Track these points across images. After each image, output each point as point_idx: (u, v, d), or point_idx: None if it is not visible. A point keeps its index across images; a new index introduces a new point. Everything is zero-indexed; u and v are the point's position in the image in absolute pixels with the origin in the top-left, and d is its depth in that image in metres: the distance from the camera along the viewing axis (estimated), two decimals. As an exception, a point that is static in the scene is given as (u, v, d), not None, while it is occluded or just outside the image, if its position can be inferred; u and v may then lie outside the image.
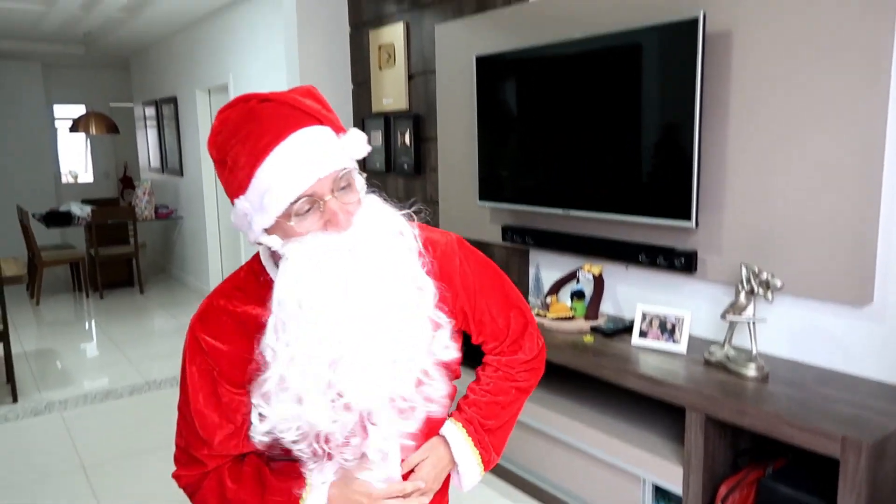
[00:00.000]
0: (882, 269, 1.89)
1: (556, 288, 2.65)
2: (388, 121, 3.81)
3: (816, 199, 1.95)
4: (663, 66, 2.23)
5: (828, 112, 1.90)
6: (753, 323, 2.01)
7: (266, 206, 0.96)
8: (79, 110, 9.23)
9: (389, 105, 3.79)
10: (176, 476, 1.14)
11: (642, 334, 2.29)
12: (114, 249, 6.83)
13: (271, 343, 0.98)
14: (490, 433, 1.21)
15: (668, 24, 2.15)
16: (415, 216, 1.09)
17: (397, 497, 1.09)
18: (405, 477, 1.11)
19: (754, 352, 2.00)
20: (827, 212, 1.93)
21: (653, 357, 2.18)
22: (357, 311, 0.97)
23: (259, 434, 1.02)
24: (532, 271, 2.94)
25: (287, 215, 0.96)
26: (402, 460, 1.10)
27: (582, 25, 2.50)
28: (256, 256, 1.12)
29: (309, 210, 0.97)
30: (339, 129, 1.02)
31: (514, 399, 1.23)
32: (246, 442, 1.07)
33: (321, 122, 1.00)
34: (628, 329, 2.40)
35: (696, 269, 2.27)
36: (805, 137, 1.96)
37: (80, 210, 6.85)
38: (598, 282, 2.52)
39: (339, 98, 4.16)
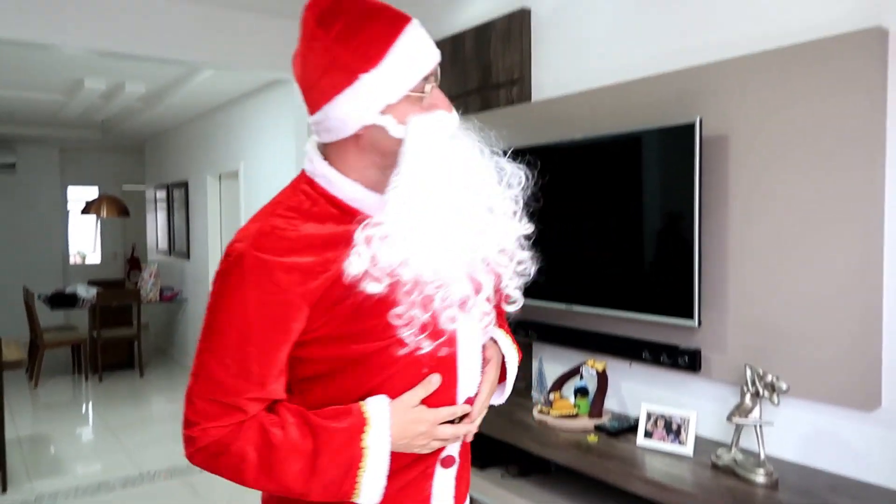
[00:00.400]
0: (889, 372, 1.87)
1: (559, 383, 2.62)
2: (394, 211, 3.88)
3: (818, 301, 1.95)
4: (663, 168, 2.28)
5: (825, 214, 1.93)
6: (760, 426, 1.97)
7: (402, 77, 0.99)
8: (92, 192, 9.44)
9: (395, 196, 3.86)
10: (198, 431, 0.99)
11: (647, 434, 2.24)
12: (116, 331, 6.82)
13: (396, 203, 0.99)
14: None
15: (667, 128, 2.22)
16: None
17: (458, 417, 1.12)
18: (469, 401, 1.14)
19: (762, 456, 1.95)
20: (830, 313, 1.93)
21: (659, 459, 2.13)
22: (466, 189, 1.03)
23: (354, 271, 0.97)
24: (535, 365, 2.91)
25: (419, 89, 1.02)
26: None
27: (583, 127, 2.58)
28: (304, 178, 1.10)
29: (431, 88, 1.04)
30: None
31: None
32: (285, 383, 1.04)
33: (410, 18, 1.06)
34: (633, 428, 2.36)
35: (700, 367, 2.24)
36: (804, 239, 1.98)
37: (86, 292, 6.88)
38: (602, 378, 2.49)
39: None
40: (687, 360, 2.25)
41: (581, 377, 2.59)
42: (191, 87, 5.36)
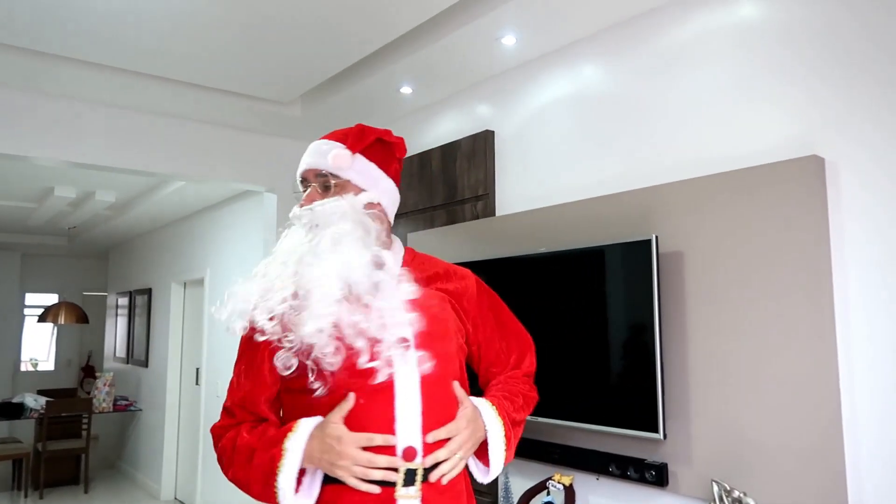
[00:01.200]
0: (854, 487, 1.87)
1: (525, 499, 2.55)
2: (360, 320, 3.88)
3: (780, 410, 1.98)
4: (623, 281, 2.36)
5: (780, 327, 2.00)
6: (730, 544, 1.93)
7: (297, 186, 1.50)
8: (51, 298, 9.23)
9: (362, 305, 3.87)
10: (213, 428, 1.40)
11: (617, 554, 2.17)
12: (64, 444, 6.48)
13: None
14: (511, 422, 1.41)
15: (626, 243, 2.31)
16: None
17: (370, 447, 1.23)
18: (432, 447, 1.27)
19: (734, 577, 1.90)
20: (791, 424, 1.95)
21: (629, 581, 2.06)
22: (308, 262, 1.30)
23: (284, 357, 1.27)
24: (501, 479, 2.84)
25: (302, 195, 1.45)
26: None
27: (545, 241, 2.67)
28: None
29: (305, 191, 1.45)
30: (372, 154, 1.46)
31: (522, 404, 1.48)
32: (270, 407, 1.36)
33: (344, 142, 1.44)
34: (602, 547, 2.29)
35: (667, 482, 2.22)
36: (761, 351, 2.03)
37: (35, 402, 6.58)
38: (569, 493, 2.44)
39: (313, 296, 4.25)
40: (654, 475, 2.22)
41: (548, 492, 2.53)
42: (161, 196, 5.42)
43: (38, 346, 9.51)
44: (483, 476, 1.40)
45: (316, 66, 3.20)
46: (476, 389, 1.51)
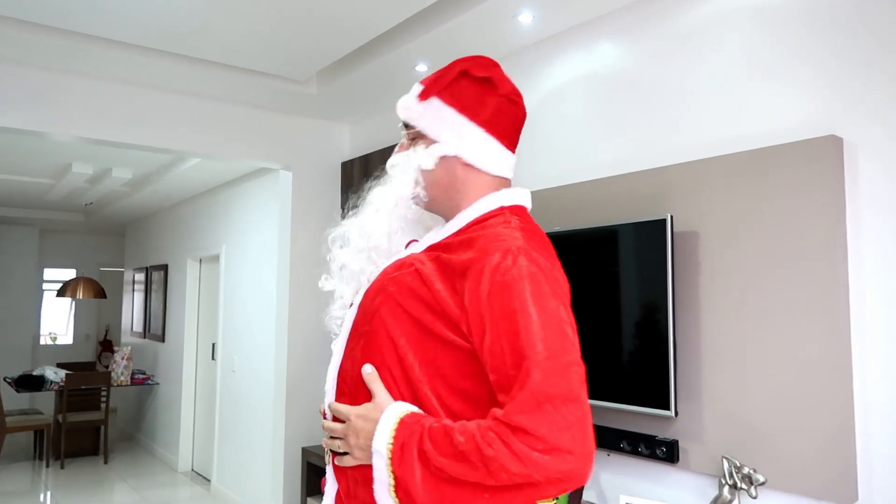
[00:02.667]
0: (863, 465, 1.89)
1: (538, 474, 2.59)
2: (375, 297, 3.91)
3: (791, 393, 2.00)
4: (638, 261, 2.37)
5: (794, 309, 2.00)
6: (739, 519, 1.97)
7: None
8: (69, 274, 9.36)
9: (376, 282, 3.91)
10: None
11: (627, 528, 2.21)
12: (83, 416, 6.62)
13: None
14: (424, 459, 0.98)
15: (642, 223, 2.32)
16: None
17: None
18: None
19: (743, 551, 1.94)
20: (803, 406, 1.97)
21: (639, 554, 2.10)
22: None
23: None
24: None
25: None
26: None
27: (562, 220, 2.68)
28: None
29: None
30: (450, 92, 1.23)
31: (462, 452, 0.95)
32: None
33: (423, 83, 1.27)
34: (613, 522, 2.33)
35: (678, 458, 2.25)
36: (774, 333, 2.04)
37: (55, 374, 6.71)
38: (581, 469, 2.48)
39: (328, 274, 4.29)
40: (665, 451, 2.25)
41: (560, 468, 2.57)
42: (177, 173, 5.47)
43: (57, 321, 9.67)
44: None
45: (331, 44, 3.20)
46: None
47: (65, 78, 3.43)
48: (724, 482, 1.99)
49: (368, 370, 1.11)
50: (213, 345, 5.91)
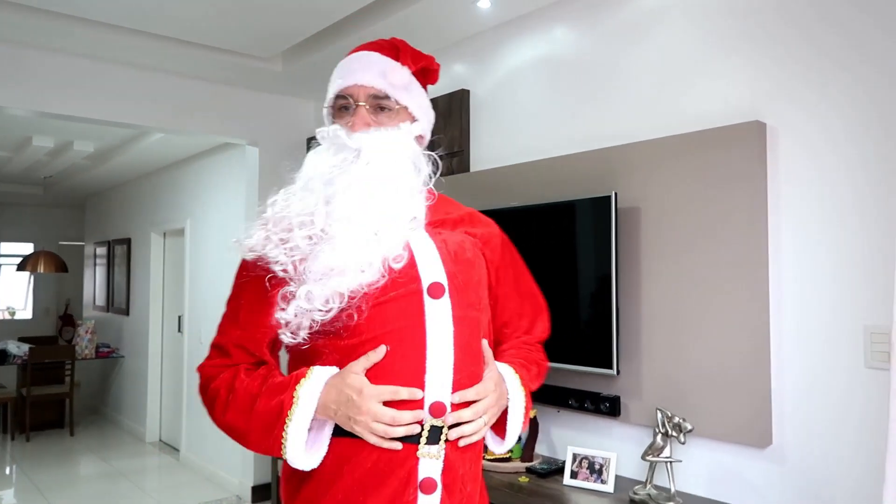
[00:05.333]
0: (777, 413, 2.15)
1: (494, 430, 2.81)
2: (340, 269, 4.07)
3: (717, 352, 2.24)
4: (586, 234, 2.58)
5: (721, 278, 2.24)
6: (670, 463, 2.21)
7: (326, 98, 1.28)
8: (26, 248, 9.25)
9: (342, 255, 4.06)
10: (200, 367, 1.25)
11: (573, 475, 2.45)
12: (47, 389, 6.65)
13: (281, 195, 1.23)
14: (527, 393, 1.28)
15: (588, 199, 2.53)
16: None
17: (394, 401, 1.09)
18: (457, 407, 1.13)
19: (673, 490, 2.19)
20: (727, 363, 2.22)
21: (583, 497, 2.34)
22: (347, 194, 1.16)
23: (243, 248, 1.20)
24: (473, 414, 3.11)
25: (331, 110, 1.26)
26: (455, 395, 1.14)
27: (515, 196, 2.87)
28: None
29: (344, 109, 1.24)
30: (417, 77, 1.28)
31: (536, 374, 1.34)
32: (271, 350, 1.21)
33: (397, 59, 1.25)
34: (560, 470, 2.57)
35: (619, 413, 2.49)
36: (704, 299, 2.28)
37: (17, 349, 6.71)
38: (533, 424, 2.71)
39: (294, 246, 4.42)
40: (608, 406, 2.49)
41: (515, 424, 2.80)
42: (141, 146, 5.49)
43: (15, 295, 9.56)
44: (497, 446, 1.27)
45: (297, 24, 3.30)
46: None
47: (27, 53, 3.47)
48: (657, 431, 2.23)
49: (486, 344, 1.23)
50: (180, 317, 5.99)
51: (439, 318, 1.15)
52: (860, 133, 2.01)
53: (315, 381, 1.11)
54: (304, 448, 1.10)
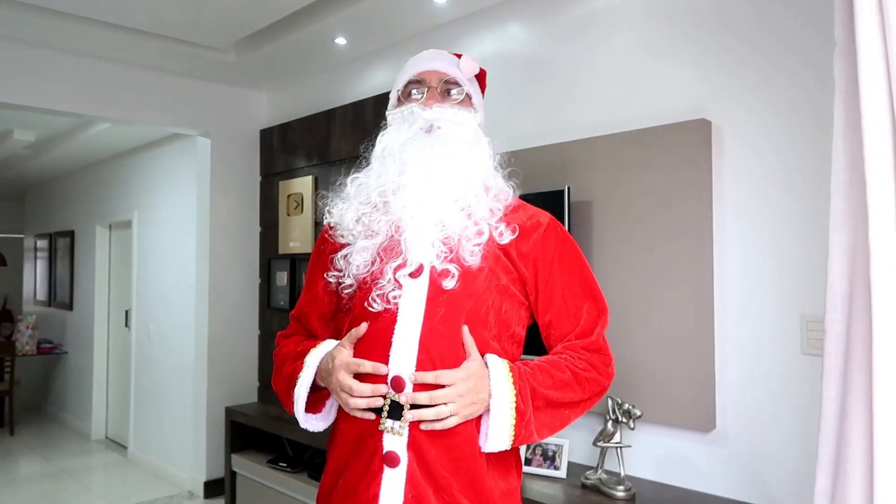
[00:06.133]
0: (720, 398, 2.26)
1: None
2: (294, 262, 4.06)
3: (665, 341, 2.33)
4: (539, 226, 2.64)
5: (668, 269, 2.33)
6: (621, 449, 2.30)
7: (395, 85, 1.39)
8: (-39, 240, 8.85)
9: (296, 248, 4.05)
10: (278, 335, 1.44)
11: (527, 462, 2.52)
12: (-15, 387, 6.41)
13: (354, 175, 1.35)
14: (535, 395, 1.18)
15: (545, 192, 2.59)
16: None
17: (361, 373, 1.17)
18: (423, 388, 1.14)
19: (622, 474, 2.27)
20: (674, 352, 2.31)
21: (537, 483, 2.41)
22: (420, 165, 1.24)
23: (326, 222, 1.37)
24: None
25: (404, 94, 1.36)
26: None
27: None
28: None
29: (415, 95, 1.34)
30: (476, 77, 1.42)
31: (568, 381, 1.22)
32: (325, 328, 1.38)
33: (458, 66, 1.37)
34: (515, 458, 2.63)
35: (572, 401, 2.56)
36: (652, 289, 2.37)
37: (-47, 345, 6.45)
38: (489, 414, 2.76)
39: (248, 239, 4.39)
40: (561, 395, 2.56)
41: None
42: (85, 136, 5.33)
43: (-52, 290, 9.16)
44: (484, 444, 1.18)
45: (251, 15, 3.27)
46: (540, 348, 1.38)
47: (-31, 38, 3.34)
48: (608, 418, 2.31)
49: (466, 331, 1.19)
50: (127, 312, 5.85)
51: (414, 297, 1.20)
52: (798, 131, 2.12)
53: (319, 351, 1.28)
54: (303, 409, 1.27)
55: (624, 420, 2.27)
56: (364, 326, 1.21)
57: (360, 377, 1.18)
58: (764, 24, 2.20)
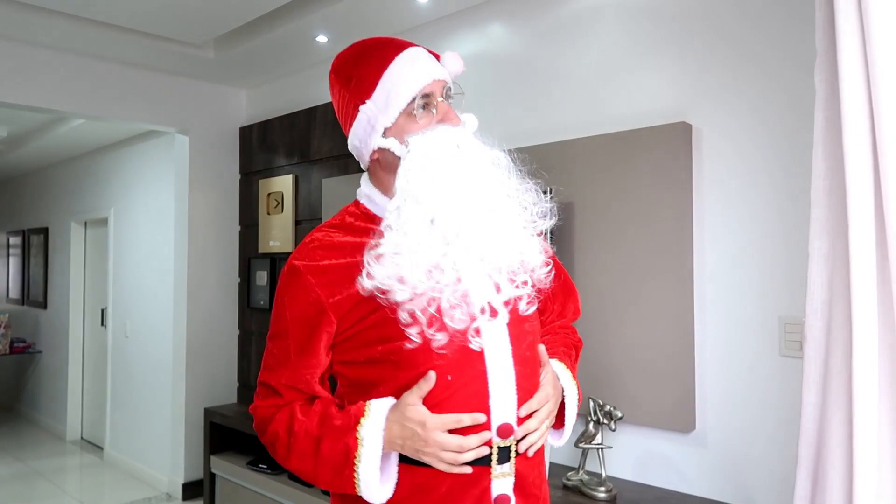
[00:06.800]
0: (700, 400, 2.28)
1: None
2: (274, 261, 4.02)
3: (645, 342, 2.35)
4: (521, 227, 2.64)
5: (649, 269, 2.35)
6: (602, 450, 2.31)
7: (391, 101, 1.13)
8: (-70, 237, 8.65)
9: (276, 247, 4.01)
10: (253, 408, 1.22)
11: (509, 463, 2.52)
12: (-43, 387, 6.28)
13: (392, 221, 1.10)
14: (575, 377, 1.29)
15: (524, 193, 2.59)
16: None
17: (457, 429, 1.08)
18: (523, 419, 1.13)
19: (604, 475, 2.28)
20: (654, 354, 2.33)
21: (518, 484, 2.41)
22: (468, 198, 1.10)
23: (364, 290, 1.09)
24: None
25: (408, 112, 1.14)
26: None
27: (453, 189, 2.91)
28: (353, 203, 1.25)
29: (424, 108, 1.15)
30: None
31: (576, 356, 1.36)
32: (322, 383, 1.18)
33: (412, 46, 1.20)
34: (497, 459, 2.63)
35: (553, 402, 2.57)
36: (633, 291, 2.38)
37: (-77, 344, 6.31)
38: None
39: (227, 237, 4.34)
40: (542, 396, 2.57)
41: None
42: (60, 132, 5.23)
43: (-82, 288, 8.96)
44: (557, 440, 1.30)
45: (231, 11, 3.23)
46: None
47: (-61, 32, 3.26)
48: (589, 419, 2.32)
49: (543, 350, 1.22)
50: (103, 310, 5.77)
51: (496, 340, 1.13)
52: (778, 135, 2.14)
53: (375, 419, 1.10)
54: (378, 485, 1.11)
55: (605, 421, 2.29)
56: (432, 377, 1.08)
57: (455, 430, 1.09)
58: (746, 27, 2.22)
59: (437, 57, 1.22)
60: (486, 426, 1.10)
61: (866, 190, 1.20)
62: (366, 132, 1.17)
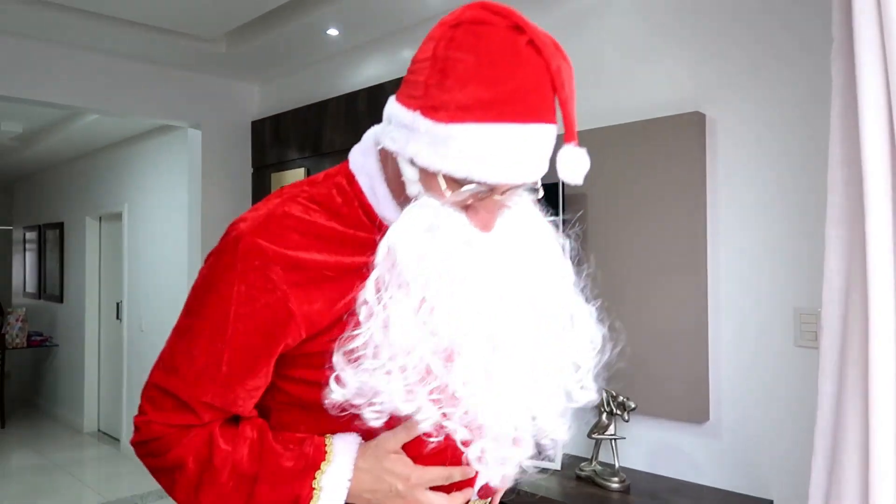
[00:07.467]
0: (714, 391, 2.27)
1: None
2: (288, 255, 4.04)
3: (659, 331, 2.34)
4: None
5: (664, 259, 2.34)
6: (615, 441, 2.31)
7: (450, 156, 0.78)
8: (-52, 232, 8.77)
9: (289, 240, 4.02)
10: (143, 422, 0.87)
11: (523, 454, 2.53)
12: (-24, 380, 6.37)
13: (369, 298, 0.79)
14: None
15: (542, 185, 2.58)
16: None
17: (446, 483, 0.87)
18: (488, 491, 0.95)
19: (617, 466, 2.28)
20: (668, 343, 2.32)
21: (532, 474, 2.42)
22: (486, 306, 0.81)
23: (329, 402, 0.80)
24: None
25: (453, 186, 0.81)
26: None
27: (466, 181, 2.91)
28: (344, 171, 0.92)
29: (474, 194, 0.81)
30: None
31: None
32: (256, 400, 0.86)
33: (554, 120, 0.81)
34: (510, 450, 2.64)
35: (567, 393, 2.57)
36: (647, 281, 2.38)
37: (-58, 338, 6.40)
38: (483, 406, 2.77)
39: (240, 232, 4.35)
40: (555, 387, 2.57)
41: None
42: (74, 127, 5.27)
43: (-64, 283, 9.08)
44: None
45: (243, 5, 3.23)
46: None
47: (-45, 29, 3.29)
48: (602, 410, 2.32)
49: None
50: (118, 304, 5.83)
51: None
52: (794, 124, 2.12)
53: (341, 465, 0.85)
54: None
55: (618, 412, 2.28)
56: (416, 424, 0.83)
57: (437, 487, 0.90)
58: (760, 14, 2.20)
59: (559, 88, 0.84)
60: (471, 483, 0.93)
61: (884, 178, 1.19)
62: (401, 132, 0.84)
